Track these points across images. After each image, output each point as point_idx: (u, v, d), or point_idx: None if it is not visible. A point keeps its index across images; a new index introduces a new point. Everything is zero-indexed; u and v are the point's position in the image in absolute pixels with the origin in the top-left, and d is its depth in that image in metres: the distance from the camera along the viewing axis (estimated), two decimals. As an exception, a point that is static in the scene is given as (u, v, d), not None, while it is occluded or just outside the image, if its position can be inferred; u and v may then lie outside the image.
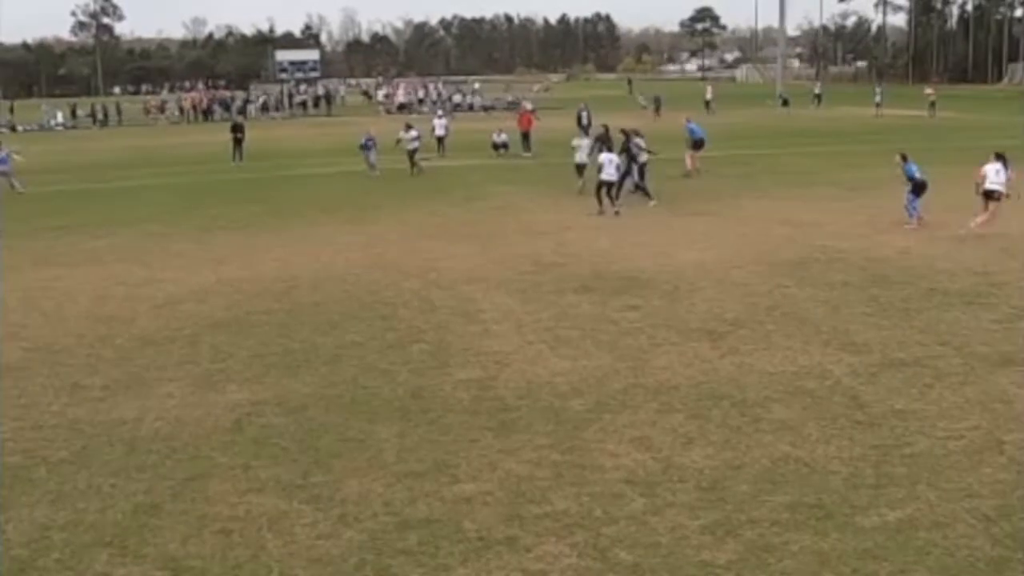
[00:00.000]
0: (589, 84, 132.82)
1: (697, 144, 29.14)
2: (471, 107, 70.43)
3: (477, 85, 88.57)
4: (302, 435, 9.13)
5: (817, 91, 69.77)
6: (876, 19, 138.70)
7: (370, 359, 11.44)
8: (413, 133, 30.97)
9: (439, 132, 36.88)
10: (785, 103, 61.63)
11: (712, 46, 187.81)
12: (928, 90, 59.72)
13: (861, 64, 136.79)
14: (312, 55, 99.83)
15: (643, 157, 24.27)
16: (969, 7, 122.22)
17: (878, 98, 58.17)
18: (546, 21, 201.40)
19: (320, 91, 78.66)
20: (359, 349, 11.85)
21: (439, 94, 76.13)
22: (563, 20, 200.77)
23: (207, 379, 10.88)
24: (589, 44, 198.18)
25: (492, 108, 69.51)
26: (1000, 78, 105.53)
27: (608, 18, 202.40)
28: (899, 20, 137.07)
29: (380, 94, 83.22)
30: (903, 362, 10.80)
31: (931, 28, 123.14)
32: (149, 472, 8.38)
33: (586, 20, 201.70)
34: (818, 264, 16.05)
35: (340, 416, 9.60)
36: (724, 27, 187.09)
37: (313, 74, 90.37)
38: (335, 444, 8.88)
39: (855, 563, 6.59)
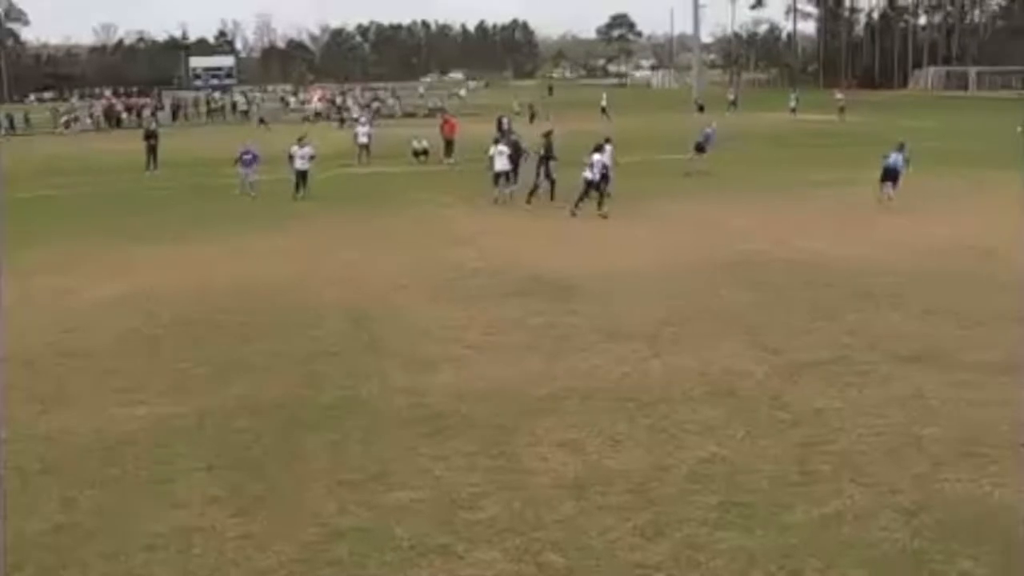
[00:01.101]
0: (508, 91, 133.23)
1: (699, 147, 30.72)
2: (392, 114, 70.01)
3: (423, 89, 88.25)
4: (232, 447, 8.98)
5: (732, 97, 71.09)
6: (787, 26, 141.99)
7: (298, 369, 11.31)
8: (308, 150, 26.66)
9: (362, 139, 36.60)
10: (701, 109, 62.63)
11: (628, 53, 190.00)
12: (838, 95, 61.50)
13: (774, 70, 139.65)
14: (227, 61, 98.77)
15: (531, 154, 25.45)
16: (875, 15, 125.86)
17: (793, 103, 59.55)
18: (464, 28, 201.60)
19: (236, 97, 77.54)
20: (286, 359, 11.70)
21: (356, 100, 75.52)
22: (481, 27, 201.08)
23: (132, 392, 10.63)
24: (507, 51, 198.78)
25: (413, 115, 69.26)
26: (906, 83, 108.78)
27: (525, 25, 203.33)
28: (809, 27, 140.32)
29: (296, 100, 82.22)
30: (824, 361, 11.07)
31: (840, 35, 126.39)
32: (72, 490, 8.15)
33: (504, 27, 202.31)
34: (743, 267, 16.37)
35: (270, 427, 9.47)
36: (640, 34, 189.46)
37: (229, 81, 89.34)
38: (265, 455, 8.76)
39: (782, 560, 6.73)
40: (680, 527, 7.19)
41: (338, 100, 74.45)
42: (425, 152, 36.43)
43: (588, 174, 22.06)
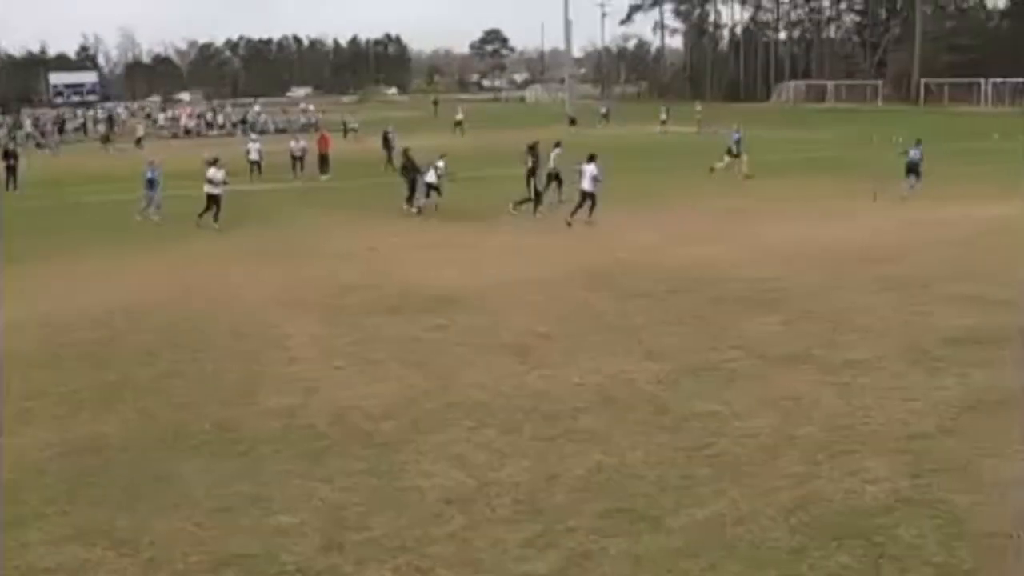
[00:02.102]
0: (383, 105, 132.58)
1: (729, 151, 32.54)
2: (263, 130, 68.73)
3: (302, 105, 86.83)
4: (105, 476, 8.62)
5: (603, 110, 72.37)
6: (655, 41, 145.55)
7: (173, 392, 10.95)
8: (221, 173, 24.32)
9: (254, 156, 35.79)
10: (572, 122, 63.48)
11: (501, 67, 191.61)
12: (697, 107, 63.46)
13: (644, 84, 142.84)
14: (90, 77, 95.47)
15: (430, 176, 25.25)
16: (738, 31, 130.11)
17: (664, 116, 60.98)
18: (336, 43, 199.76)
19: (100, 114, 74.91)
20: (161, 382, 11.32)
21: (228, 117, 73.87)
22: (354, 42, 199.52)
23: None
24: (381, 65, 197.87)
25: (284, 130, 68.18)
26: (769, 96, 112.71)
27: (399, 40, 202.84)
28: (676, 42, 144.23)
29: (163, 117, 79.88)
30: (700, 367, 11.33)
31: (705, 50, 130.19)
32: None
33: (377, 42, 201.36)
34: (620, 276, 16.64)
35: (144, 454, 9.13)
36: (513, 49, 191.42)
37: (92, 97, 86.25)
38: (140, 484, 8.43)
39: (668, 563, 6.83)
40: (569, 536, 7.23)
41: (208, 116, 72.75)
42: (301, 159, 35.99)
43: (586, 185, 22.20)
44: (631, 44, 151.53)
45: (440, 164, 25.94)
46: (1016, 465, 8.31)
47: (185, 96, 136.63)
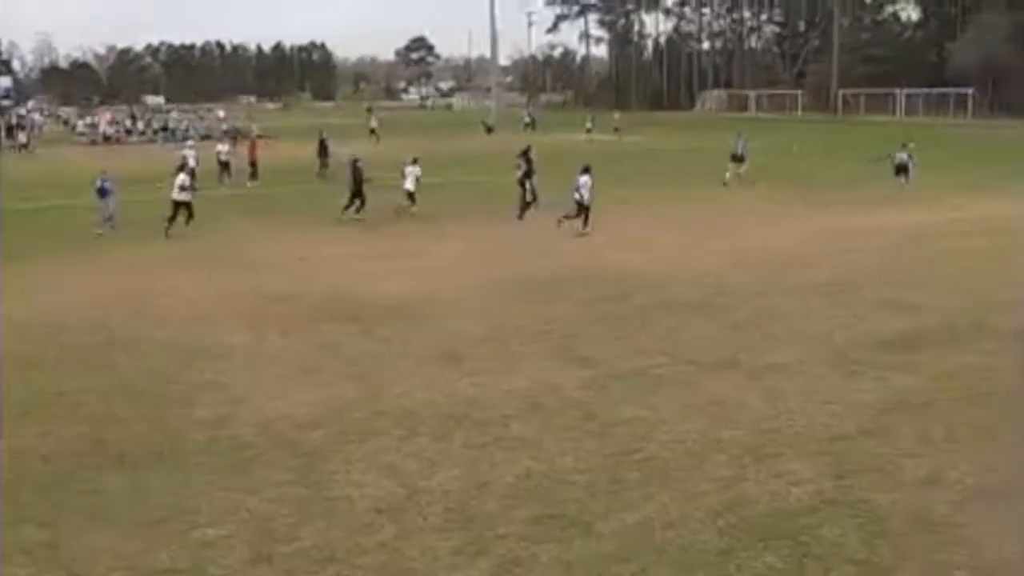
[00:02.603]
0: (307, 112, 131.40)
1: (735, 157, 32.97)
2: (185, 136, 67.54)
3: (222, 113, 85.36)
4: (26, 490, 8.37)
5: (527, 119, 72.65)
6: (581, 50, 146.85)
7: (97, 403, 10.69)
8: (189, 180, 23.53)
9: (192, 163, 35.04)
10: (489, 130, 63.48)
11: (428, 75, 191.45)
12: (616, 116, 64.22)
13: (570, 92, 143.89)
14: (4, 82, 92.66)
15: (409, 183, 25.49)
16: (662, 40, 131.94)
17: (590, 124, 61.48)
18: (260, 49, 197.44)
19: (13, 120, 72.77)
20: (84, 393, 11.03)
21: (149, 123, 72.33)
22: (278, 48, 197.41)
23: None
24: (305, 72, 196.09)
25: (208, 137, 67.16)
26: (692, 105, 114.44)
27: (323, 46, 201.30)
28: (602, 51, 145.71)
29: (82, 123, 77.96)
30: (629, 372, 11.44)
31: (630, 59, 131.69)
32: None
33: (301, 48, 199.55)
34: (551, 282, 16.71)
35: (66, 468, 8.89)
36: (439, 56, 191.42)
37: (6, 102, 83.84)
38: (63, 499, 8.21)
39: (599, 568, 6.89)
40: (500, 543, 7.24)
41: (127, 123, 71.24)
42: (228, 164, 35.48)
43: (577, 197, 22.23)
44: (557, 53, 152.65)
45: (416, 170, 25.84)
46: (932, 464, 8.55)
47: (158, 99, 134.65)
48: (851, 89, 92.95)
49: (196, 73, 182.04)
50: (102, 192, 24.10)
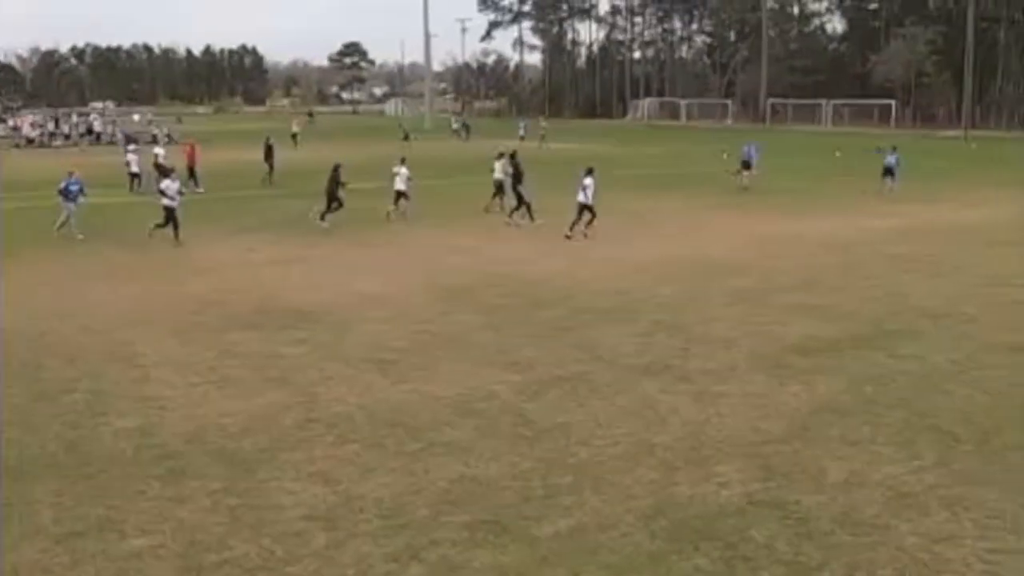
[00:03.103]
0: (239, 117, 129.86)
1: (745, 164, 34.30)
2: (111, 140, 66.15)
3: (148, 116, 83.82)
4: (-64, 505, 8.13)
5: (455, 125, 72.54)
6: (514, 58, 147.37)
7: (16, 413, 10.41)
8: (176, 186, 22.97)
9: (134, 168, 34.33)
10: (406, 137, 63.11)
11: (361, 80, 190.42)
12: (542, 123, 64.60)
13: (503, 99, 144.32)
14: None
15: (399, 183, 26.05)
16: (595, 49, 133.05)
17: (522, 131, 61.78)
18: (189, 52, 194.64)
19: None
20: (6, 403, 10.73)
21: (74, 127, 70.71)
22: (208, 51, 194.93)
23: None
24: (237, 76, 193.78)
25: (135, 141, 65.91)
26: (625, 113, 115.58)
27: (255, 50, 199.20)
28: (535, 59, 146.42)
29: (3, 127, 75.91)
30: (562, 378, 11.50)
31: (564, 67, 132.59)
32: None
33: (232, 52, 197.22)
34: (480, 289, 16.74)
35: (-18, 480, 8.65)
36: (372, 62, 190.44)
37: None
38: (-22, 512, 7.99)
39: (533, 573, 6.91)
40: (434, 549, 7.23)
41: (50, 126, 69.59)
42: (137, 176, 34.81)
43: (581, 197, 22.27)
44: (491, 60, 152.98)
45: (404, 171, 26.13)
46: (856, 466, 8.75)
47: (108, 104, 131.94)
48: (779, 99, 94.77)
49: (123, 76, 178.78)
50: (65, 193, 23.20)
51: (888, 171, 31.80)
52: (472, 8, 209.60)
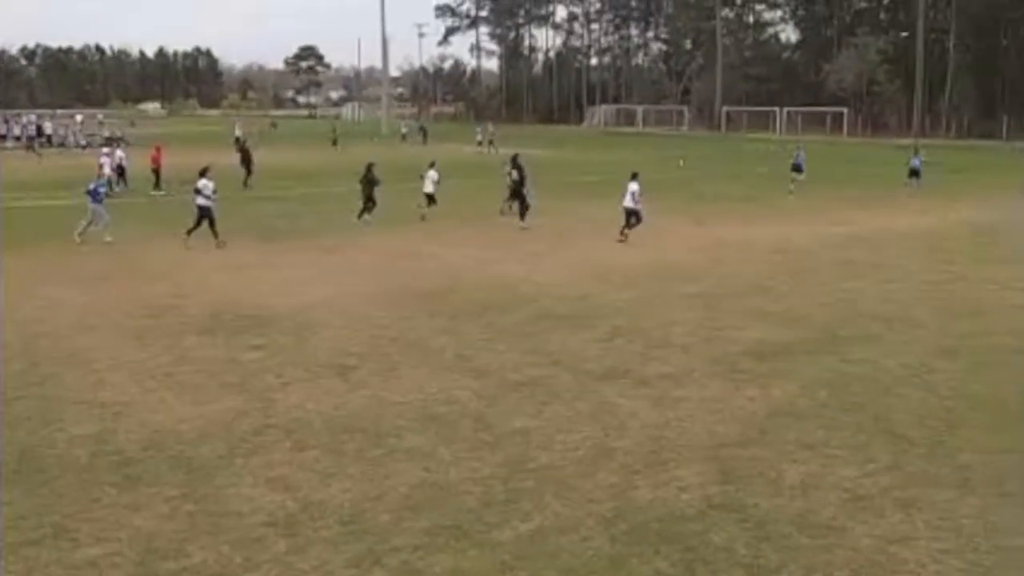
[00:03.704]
0: (193, 120, 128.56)
1: (796, 168, 36.80)
2: (63, 143, 65.17)
3: (99, 117, 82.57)
4: None
5: (404, 130, 72.20)
6: (472, 63, 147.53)
7: (-36, 421, 10.23)
8: (212, 185, 22.22)
9: (107, 171, 33.83)
10: (334, 143, 62.76)
11: (317, 84, 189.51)
12: (489, 127, 64.65)
13: (461, 104, 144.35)
14: None
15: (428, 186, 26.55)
16: (552, 55, 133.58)
17: (480, 136, 61.80)
18: (142, 54, 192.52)
19: None
20: (-51, 411, 10.55)
21: (25, 129, 69.41)
22: (161, 53, 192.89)
23: None
24: (191, 79, 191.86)
25: (88, 145, 65.07)
26: (582, 119, 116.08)
27: (209, 53, 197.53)
28: (493, 64, 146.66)
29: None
30: (521, 383, 11.53)
31: (521, 72, 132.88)
32: None
33: (186, 54, 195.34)
34: (439, 294, 16.71)
35: (-68, 488, 8.49)
36: (328, 66, 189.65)
37: None
38: (-72, 520, 7.84)
39: (494, 576, 6.93)
40: (394, 554, 7.21)
41: (1, 128, 68.35)
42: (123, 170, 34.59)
43: (629, 202, 22.87)
44: (448, 65, 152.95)
45: (433, 174, 26.78)
46: (813, 469, 8.87)
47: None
48: (734, 106, 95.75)
49: (74, 77, 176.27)
50: (94, 194, 22.93)
51: (914, 172, 34.92)
52: (430, 13, 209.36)
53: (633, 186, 23.19)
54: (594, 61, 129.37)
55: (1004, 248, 22.80)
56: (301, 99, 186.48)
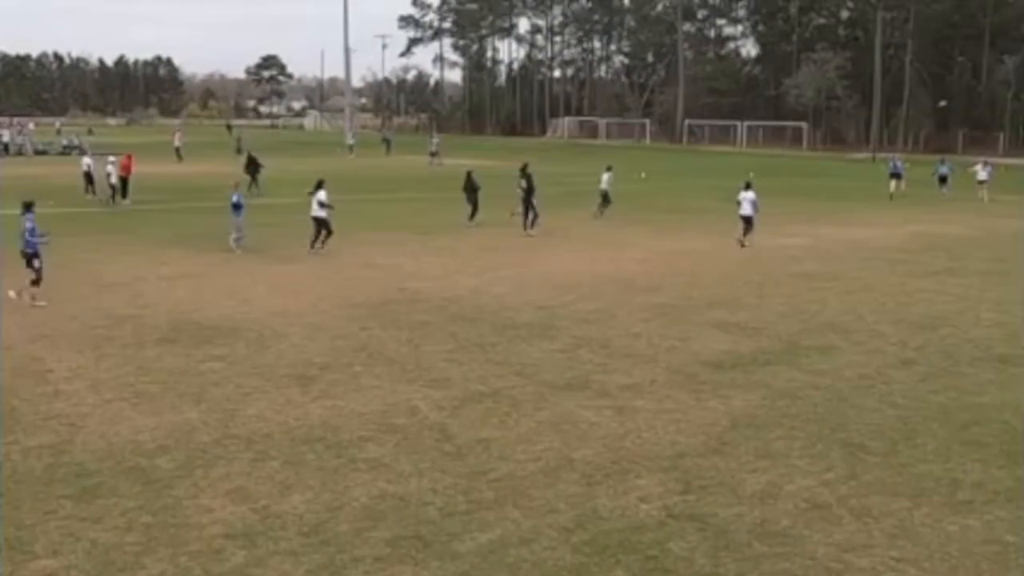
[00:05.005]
0: (153, 129, 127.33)
1: (895, 175, 39.11)
2: (21, 152, 64.24)
3: (32, 126, 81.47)
4: None
5: (350, 142, 71.26)
6: (435, 74, 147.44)
7: (-84, 433, 10.05)
8: (328, 197, 22.67)
9: (84, 169, 34.37)
10: (239, 151, 61.40)
11: (280, 94, 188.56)
12: (435, 139, 64.34)
13: (424, 115, 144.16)
14: None
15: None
16: (515, 67, 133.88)
17: (433, 147, 61.43)
18: (102, 62, 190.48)
19: None
20: (-100, 423, 10.37)
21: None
22: (121, 62, 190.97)
23: None
24: (151, 88, 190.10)
25: (45, 152, 64.28)
26: (545, 131, 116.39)
27: (170, 61, 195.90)
28: (456, 76, 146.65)
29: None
30: (483, 394, 11.53)
31: (484, 84, 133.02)
32: None
33: (147, 63, 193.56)
34: (399, 305, 16.68)
35: None
36: (291, 76, 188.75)
37: None
38: None
39: (455, 587, 6.92)
40: (355, 565, 7.18)
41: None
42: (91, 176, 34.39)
43: (747, 210, 23.97)
44: (411, 76, 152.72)
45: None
46: (772, 478, 8.95)
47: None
48: (696, 120, 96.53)
49: (32, 85, 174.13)
50: (236, 207, 22.98)
51: (943, 179, 37.76)
52: (393, 24, 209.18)
53: (750, 195, 23.98)
54: (557, 74, 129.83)
55: (954, 260, 23.17)
56: (263, 109, 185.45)
